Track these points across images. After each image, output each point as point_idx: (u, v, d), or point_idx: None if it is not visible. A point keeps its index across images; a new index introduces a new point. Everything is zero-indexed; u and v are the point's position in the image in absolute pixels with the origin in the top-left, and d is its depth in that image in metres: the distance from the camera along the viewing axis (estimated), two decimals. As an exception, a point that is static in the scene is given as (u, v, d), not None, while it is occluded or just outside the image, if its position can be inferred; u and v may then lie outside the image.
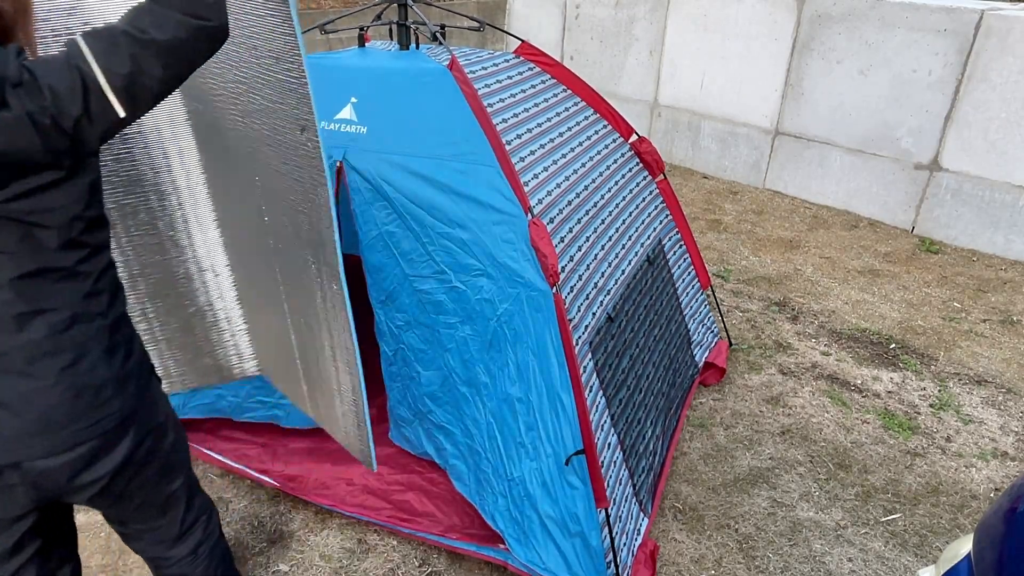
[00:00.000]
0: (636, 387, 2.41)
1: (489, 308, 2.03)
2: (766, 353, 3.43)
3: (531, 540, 1.99)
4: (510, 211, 1.99)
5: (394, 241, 2.11)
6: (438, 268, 2.06)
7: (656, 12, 5.86)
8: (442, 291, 2.08)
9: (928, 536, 2.41)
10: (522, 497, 2.01)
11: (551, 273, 1.92)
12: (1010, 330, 3.70)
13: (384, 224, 2.10)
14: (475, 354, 2.08)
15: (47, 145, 1.14)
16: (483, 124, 2.09)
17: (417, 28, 2.54)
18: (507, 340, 2.02)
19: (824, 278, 4.21)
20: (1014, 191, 4.32)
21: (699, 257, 3.21)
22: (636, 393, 2.40)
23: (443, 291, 2.07)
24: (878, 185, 4.92)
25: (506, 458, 2.05)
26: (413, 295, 2.13)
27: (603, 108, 2.80)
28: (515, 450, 2.02)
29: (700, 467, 2.69)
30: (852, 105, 4.88)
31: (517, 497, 2.02)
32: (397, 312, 2.18)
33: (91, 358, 1.29)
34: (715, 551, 2.32)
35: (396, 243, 2.11)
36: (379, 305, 2.20)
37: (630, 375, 2.38)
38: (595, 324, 2.21)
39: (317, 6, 7.55)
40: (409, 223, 2.07)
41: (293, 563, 2.24)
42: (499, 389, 2.05)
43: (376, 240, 2.13)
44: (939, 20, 4.35)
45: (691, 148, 6.00)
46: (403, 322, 2.18)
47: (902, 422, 2.97)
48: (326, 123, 2.22)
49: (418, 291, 2.11)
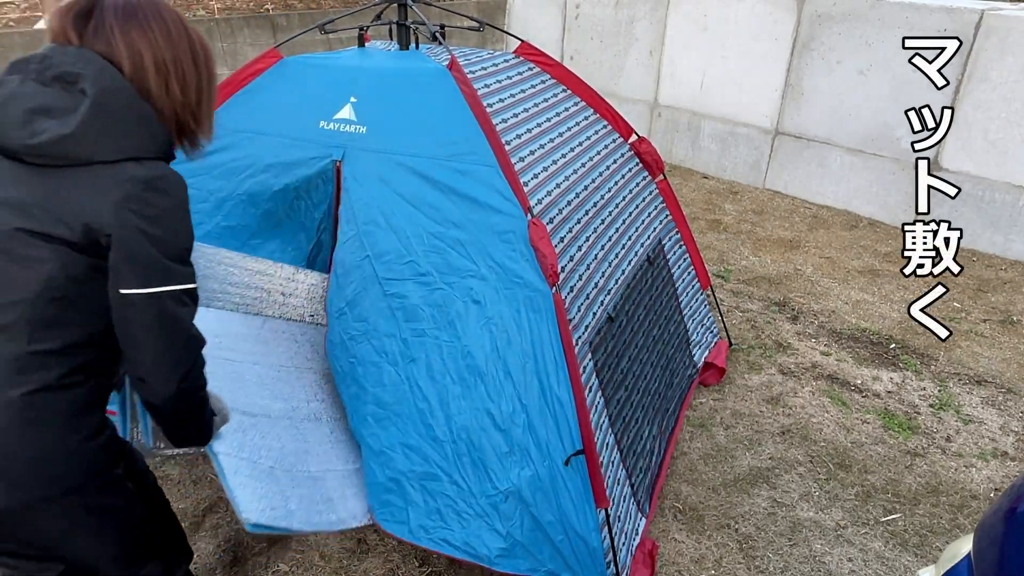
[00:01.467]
0: (634, 387, 2.40)
1: (476, 311, 1.95)
2: (766, 353, 3.43)
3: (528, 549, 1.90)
4: (509, 211, 1.99)
5: (371, 241, 2.02)
6: (421, 270, 1.98)
7: (656, 12, 5.86)
8: (419, 294, 1.97)
9: (928, 536, 2.41)
10: (513, 509, 1.89)
11: (551, 273, 1.92)
12: (1010, 330, 3.70)
13: (364, 223, 2.04)
14: (448, 363, 1.94)
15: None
16: (483, 124, 2.08)
17: (417, 28, 2.54)
18: (495, 344, 1.93)
19: (824, 278, 4.21)
20: (1014, 191, 4.32)
21: (699, 257, 3.21)
22: (634, 393, 2.39)
23: (421, 294, 1.97)
24: (878, 185, 4.92)
25: (485, 473, 1.91)
26: (382, 299, 2.01)
27: (603, 108, 2.80)
28: (498, 462, 1.89)
29: (700, 467, 2.69)
30: (852, 105, 4.88)
31: (507, 511, 1.88)
32: (355, 321, 2.04)
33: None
34: (715, 551, 2.32)
35: (373, 243, 2.02)
36: (336, 316, 2.06)
37: (628, 375, 2.37)
38: (595, 324, 2.20)
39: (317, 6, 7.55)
40: (396, 222, 2.03)
41: (293, 563, 2.24)
42: (475, 399, 1.92)
43: (352, 239, 2.05)
44: (939, 20, 4.35)
45: (691, 148, 6.00)
46: (359, 332, 2.03)
47: (902, 422, 2.97)
48: (325, 122, 2.22)
49: (387, 295, 2.00)
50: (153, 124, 1.25)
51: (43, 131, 1.16)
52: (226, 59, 6.61)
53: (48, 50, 1.22)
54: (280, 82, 2.38)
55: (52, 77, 1.19)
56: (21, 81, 1.20)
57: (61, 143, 1.16)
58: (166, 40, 1.25)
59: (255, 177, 2.27)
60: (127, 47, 1.22)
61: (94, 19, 1.22)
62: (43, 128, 1.16)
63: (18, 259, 1.19)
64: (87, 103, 1.17)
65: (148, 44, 1.23)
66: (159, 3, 1.27)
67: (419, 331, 1.97)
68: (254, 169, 2.28)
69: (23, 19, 6.85)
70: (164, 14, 1.26)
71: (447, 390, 1.93)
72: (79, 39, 1.22)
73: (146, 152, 1.23)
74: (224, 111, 2.41)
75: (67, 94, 1.18)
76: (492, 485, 1.88)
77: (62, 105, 1.18)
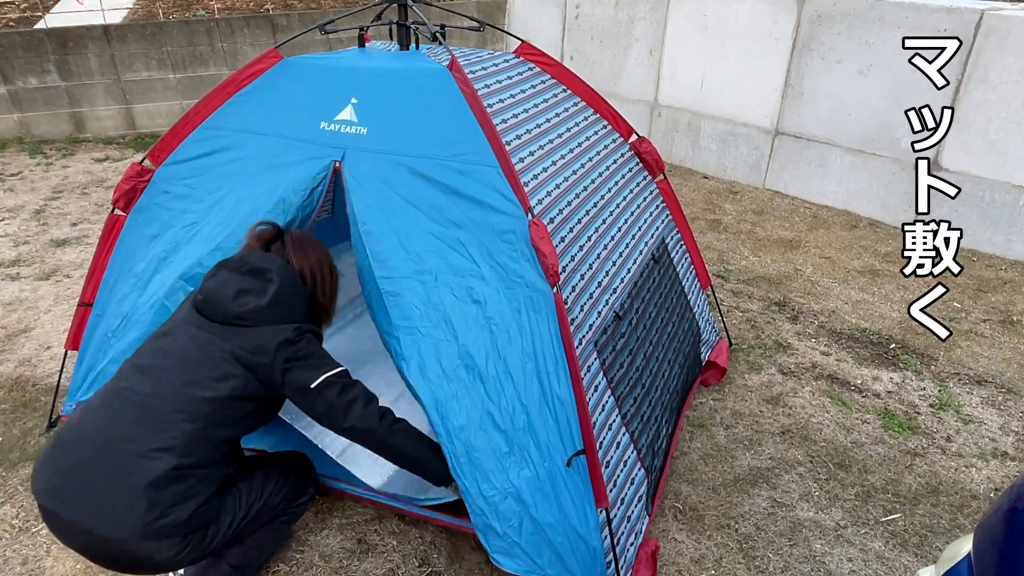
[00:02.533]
0: (651, 385, 2.38)
1: (475, 310, 1.95)
2: (766, 353, 3.43)
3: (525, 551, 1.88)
4: (510, 211, 1.99)
5: (371, 240, 2.03)
6: (421, 269, 1.99)
7: (656, 12, 5.86)
8: (416, 292, 1.98)
9: (928, 536, 2.41)
10: (512, 509, 1.88)
11: (551, 273, 1.92)
12: (1010, 330, 3.70)
13: (363, 223, 2.05)
14: (443, 362, 1.94)
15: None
16: (483, 124, 2.08)
17: (417, 28, 2.54)
18: (495, 344, 1.93)
19: (824, 278, 4.22)
20: (1014, 191, 4.32)
21: (699, 257, 3.21)
22: (652, 391, 2.37)
23: (418, 292, 1.98)
24: (878, 185, 4.92)
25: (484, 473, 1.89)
26: (379, 299, 2.02)
27: (603, 108, 2.80)
28: (497, 462, 1.88)
29: (700, 467, 2.69)
30: (852, 105, 4.88)
31: (506, 511, 1.87)
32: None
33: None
34: (715, 551, 2.32)
35: (373, 242, 2.03)
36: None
37: (644, 373, 2.35)
38: (601, 323, 2.20)
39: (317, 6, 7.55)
40: (395, 223, 2.03)
41: (293, 563, 2.24)
42: (476, 399, 1.91)
43: (356, 240, 2.08)
44: (939, 20, 4.35)
45: (691, 148, 6.00)
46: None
47: (902, 422, 2.97)
48: (326, 123, 2.22)
49: (383, 292, 2.00)
50: (307, 304, 1.98)
51: (247, 303, 1.85)
52: (226, 59, 6.61)
53: (243, 254, 1.98)
54: (280, 83, 2.38)
55: (248, 270, 1.90)
56: (228, 273, 1.90)
57: (256, 312, 1.84)
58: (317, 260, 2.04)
59: (256, 178, 2.27)
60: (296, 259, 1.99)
61: (279, 242, 2.02)
62: (246, 301, 1.85)
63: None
64: (274, 287, 1.87)
65: (307, 260, 2.01)
66: (317, 243, 2.07)
67: (411, 329, 1.95)
68: (254, 169, 2.28)
69: (23, 19, 6.85)
70: (317, 247, 2.07)
71: (441, 389, 1.91)
72: (265, 250, 2.00)
73: (300, 319, 1.93)
74: (224, 111, 2.41)
75: (259, 281, 1.88)
76: (491, 485, 1.87)
77: (259, 287, 1.87)
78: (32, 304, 3.77)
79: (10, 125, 6.29)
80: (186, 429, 1.76)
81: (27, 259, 4.29)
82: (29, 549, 2.28)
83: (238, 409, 1.85)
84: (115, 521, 1.70)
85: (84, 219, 4.88)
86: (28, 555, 2.26)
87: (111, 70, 6.35)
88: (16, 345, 3.40)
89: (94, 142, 6.47)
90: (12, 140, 6.33)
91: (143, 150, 6.12)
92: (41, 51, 6.09)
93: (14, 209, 5.02)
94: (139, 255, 2.43)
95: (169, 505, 1.73)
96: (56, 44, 6.11)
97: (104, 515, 1.71)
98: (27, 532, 2.35)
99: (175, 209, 2.38)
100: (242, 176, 2.30)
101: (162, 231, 2.40)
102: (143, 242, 2.43)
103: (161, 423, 1.76)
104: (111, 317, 2.43)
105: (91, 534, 1.71)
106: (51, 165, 5.88)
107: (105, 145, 6.42)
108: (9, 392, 3.05)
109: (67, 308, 3.69)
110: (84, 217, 4.91)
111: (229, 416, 1.84)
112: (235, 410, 1.85)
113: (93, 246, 4.34)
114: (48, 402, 2.90)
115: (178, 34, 6.41)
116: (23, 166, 5.85)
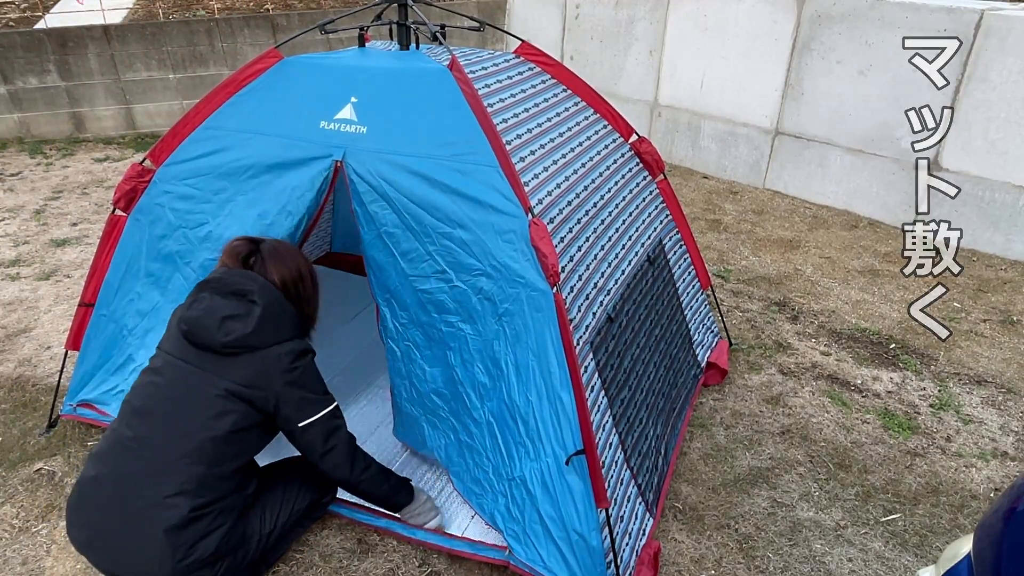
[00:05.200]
0: (638, 387, 2.40)
1: (490, 307, 2.03)
2: (766, 353, 3.43)
3: (531, 539, 1.99)
4: (510, 211, 1.99)
5: (393, 241, 2.11)
6: (439, 268, 2.06)
7: (656, 12, 5.86)
8: (444, 291, 2.07)
9: (928, 536, 2.41)
10: (523, 497, 2.00)
11: (551, 273, 1.92)
12: (1010, 330, 3.70)
13: (383, 224, 2.11)
14: (475, 354, 2.08)
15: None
16: (483, 124, 2.08)
17: (417, 28, 2.54)
18: (507, 340, 2.01)
19: (824, 278, 4.21)
20: (1014, 191, 4.32)
21: (699, 257, 3.21)
22: (638, 393, 2.39)
23: (445, 291, 2.07)
24: (878, 185, 4.92)
25: (507, 458, 2.05)
26: (414, 295, 2.13)
27: (603, 108, 2.80)
28: (515, 450, 2.02)
29: (700, 467, 2.69)
30: (852, 105, 4.88)
31: (518, 497, 2.02)
32: (400, 310, 2.18)
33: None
34: (715, 551, 2.32)
35: (396, 243, 2.11)
36: (384, 303, 2.21)
37: (631, 375, 2.38)
38: (596, 324, 2.20)
39: (317, 6, 7.55)
40: (409, 223, 2.08)
41: (293, 563, 2.24)
42: (499, 389, 2.04)
43: (376, 239, 2.13)
44: (939, 20, 4.35)
45: (691, 148, 6.00)
46: (407, 320, 2.18)
47: (902, 422, 2.97)
48: (326, 122, 2.22)
49: (419, 291, 2.11)
50: (293, 317, 1.96)
51: (232, 331, 1.82)
52: (226, 59, 6.61)
53: (222, 273, 1.93)
54: (280, 82, 2.38)
55: (230, 292, 1.87)
56: (210, 296, 1.87)
57: (243, 339, 1.83)
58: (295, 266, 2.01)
59: (257, 178, 2.28)
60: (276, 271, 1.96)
61: (254, 257, 1.97)
62: (232, 329, 1.82)
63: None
64: (259, 310, 1.85)
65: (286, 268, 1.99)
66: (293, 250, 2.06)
67: (450, 323, 2.10)
68: (255, 169, 2.28)
69: (23, 19, 6.85)
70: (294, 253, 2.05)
71: (476, 379, 2.09)
72: (243, 267, 1.95)
73: (291, 333, 1.93)
74: (225, 111, 2.41)
75: (243, 303, 1.86)
76: (509, 470, 2.03)
77: (243, 311, 1.84)
78: (32, 304, 3.77)
79: (10, 125, 6.29)
80: (194, 472, 1.79)
81: (27, 259, 4.29)
82: (29, 549, 2.28)
83: (241, 440, 1.88)
84: (145, 569, 1.77)
85: (84, 219, 4.88)
86: (28, 555, 2.26)
87: (111, 70, 6.35)
88: (16, 345, 3.40)
89: (94, 142, 6.47)
90: (12, 140, 6.33)
91: (143, 150, 6.12)
92: (41, 51, 6.09)
93: (14, 209, 5.02)
94: (148, 255, 2.44)
95: (192, 544, 1.78)
96: (56, 44, 6.11)
97: (133, 566, 1.78)
98: (27, 532, 2.35)
99: (180, 210, 2.39)
100: (244, 176, 2.30)
101: (169, 232, 2.41)
102: (149, 242, 2.44)
103: (168, 470, 1.79)
104: (126, 316, 2.45)
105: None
106: (51, 165, 5.88)
107: (105, 145, 6.42)
108: (9, 392, 3.05)
109: (67, 308, 3.69)
110: (84, 217, 4.91)
111: (233, 449, 1.86)
112: (238, 442, 1.87)
113: (93, 246, 4.34)
114: (48, 402, 2.90)
115: (178, 34, 6.41)
116: (23, 166, 5.85)
